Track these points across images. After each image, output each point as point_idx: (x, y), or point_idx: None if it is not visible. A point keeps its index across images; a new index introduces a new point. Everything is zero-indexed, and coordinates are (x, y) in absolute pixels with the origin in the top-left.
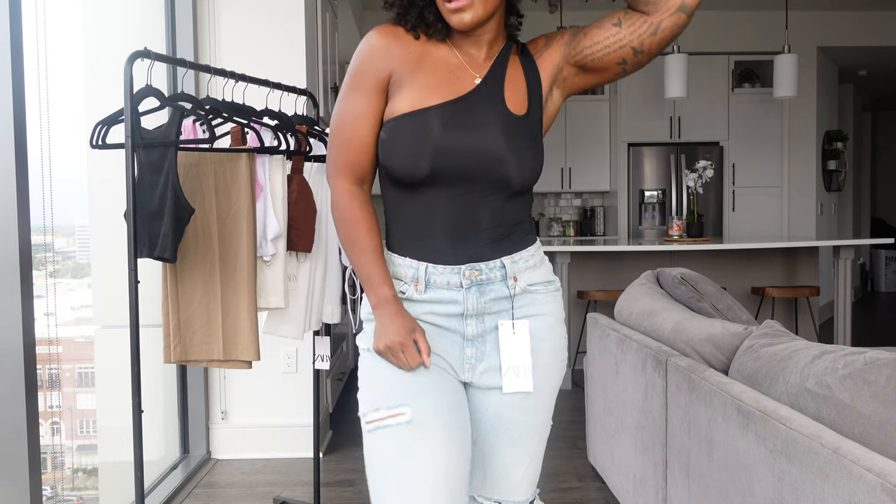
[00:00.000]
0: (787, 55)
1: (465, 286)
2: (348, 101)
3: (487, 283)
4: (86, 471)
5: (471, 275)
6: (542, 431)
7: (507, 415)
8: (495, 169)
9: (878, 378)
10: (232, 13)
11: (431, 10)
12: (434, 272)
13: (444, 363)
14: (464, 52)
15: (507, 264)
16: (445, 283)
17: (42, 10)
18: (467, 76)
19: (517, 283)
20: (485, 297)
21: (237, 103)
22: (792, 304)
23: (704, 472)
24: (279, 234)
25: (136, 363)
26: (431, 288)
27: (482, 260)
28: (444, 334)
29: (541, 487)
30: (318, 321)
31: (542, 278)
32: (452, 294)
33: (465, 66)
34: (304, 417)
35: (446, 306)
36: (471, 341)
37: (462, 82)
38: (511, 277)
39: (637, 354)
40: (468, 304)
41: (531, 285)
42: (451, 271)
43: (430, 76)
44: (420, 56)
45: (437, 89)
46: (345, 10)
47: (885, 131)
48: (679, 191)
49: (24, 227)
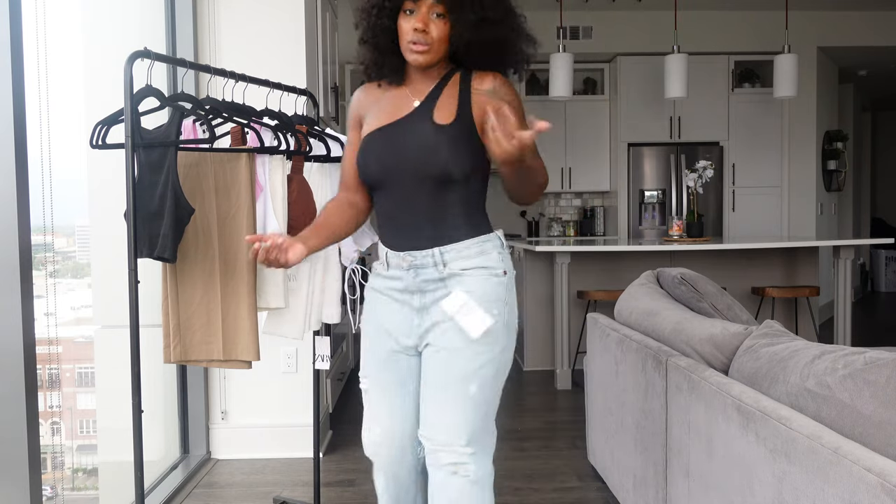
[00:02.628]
0: (787, 55)
1: (406, 268)
2: (347, 140)
3: (421, 268)
4: (86, 471)
5: (409, 259)
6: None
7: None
8: (420, 168)
9: (878, 378)
10: (232, 13)
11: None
12: (391, 255)
13: (395, 342)
14: (413, 87)
15: (436, 254)
16: (397, 265)
17: (42, 10)
18: (408, 103)
19: (446, 268)
20: (419, 277)
21: (237, 103)
22: (792, 304)
23: (704, 472)
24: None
25: (136, 363)
26: (391, 268)
27: (417, 249)
28: (399, 307)
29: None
30: (318, 321)
31: (476, 265)
32: (401, 273)
33: (408, 95)
34: (304, 417)
35: (396, 282)
36: (417, 311)
37: (404, 108)
38: (441, 264)
39: (637, 354)
40: (407, 281)
41: (463, 269)
42: (398, 256)
43: (383, 109)
44: (380, 98)
45: (385, 116)
46: (345, 10)
47: (885, 131)
48: (679, 191)
49: (24, 227)
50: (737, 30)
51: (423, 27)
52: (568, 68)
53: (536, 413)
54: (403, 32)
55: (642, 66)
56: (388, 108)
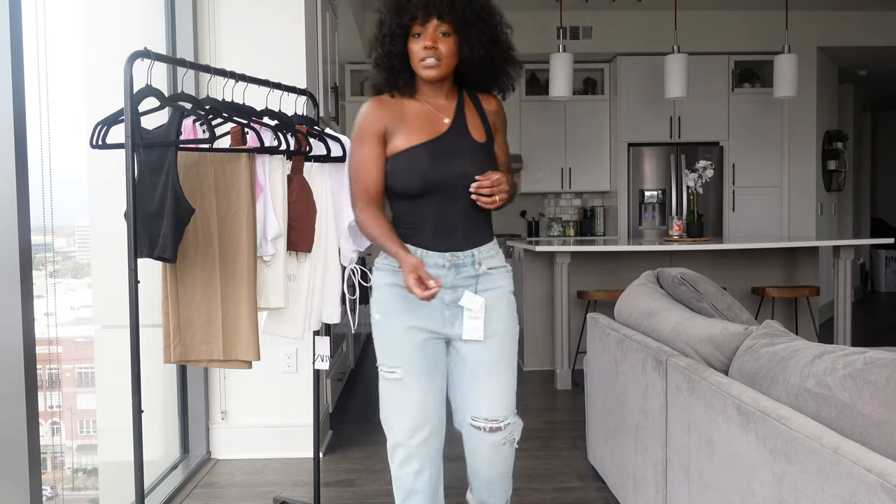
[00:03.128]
0: (787, 55)
1: (447, 267)
2: (357, 152)
3: (462, 266)
4: (86, 471)
5: (452, 259)
6: (507, 367)
7: (478, 356)
8: (466, 184)
9: (878, 378)
10: (232, 13)
11: (401, 77)
12: (426, 256)
13: (428, 330)
14: (430, 102)
15: (475, 253)
16: (433, 264)
17: (42, 10)
18: (438, 119)
19: (481, 267)
20: (459, 274)
21: (237, 103)
22: (792, 304)
23: (704, 472)
24: (279, 234)
25: (136, 363)
26: (426, 267)
27: (459, 250)
28: (430, 302)
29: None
30: (318, 321)
31: (497, 263)
32: (437, 271)
33: (434, 112)
34: (304, 417)
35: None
36: (448, 305)
37: (436, 124)
38: (478, 262)
39: (637, 354)
40: (447, 279)
41: (490, 268)
42: (439, 256)
43: (414, 126)
44: (402, 110)
45: (421, 132)
46: (345, 10)
47: (885, 131)
48: (679, 191)
49: (24, 227)
50: (737, 30)
51: (433, 44)
52: (568, 68)
53: (536, 413)
54: (414, 53)
55: (642, 66)
56: (421, 125)
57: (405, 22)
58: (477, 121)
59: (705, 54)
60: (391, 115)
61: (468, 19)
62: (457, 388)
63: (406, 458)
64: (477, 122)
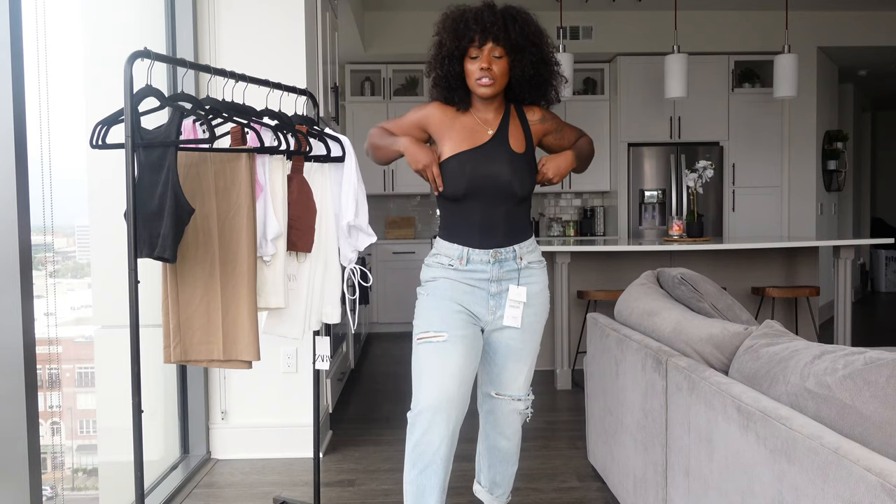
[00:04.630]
0: (787, 55)
1: (491, 262)
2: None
3: (504, 261)
4: (86, 471)
5: (496, 255)
6: (534, 352)
7: (512, 343)
8: (505, 188)
9: (878, 378)
10: (232, 13)
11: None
12: (472, 253)
13: (472, 316)
14: (479, 116)
15: (517, 249)
16: (479, 260)
17: (42, 10)
18: (483, 131)
19: (522, 261)
20: (503, 269)
21: (237, 103)
22: (792, 304)
23: (704, 472)
24: (279, 234)
25: (136, 363)
26: (471, 262)
27: (502, 247)
28: (477, 292)
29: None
30: (318, 321)
31: (536, 258)
32: (483, 266)
33: (481, 124)
34: (304, 417)
35: (478, 274)
36: (493, 296)
37: (480, 135)
38: (519, 258)
39: (637, 354)
40: (492, 272)
41: (530, 263)
42: (484, 253)
43: (460, 134)
44: (453, 120)
45: (466, 140)
46: (345, 10)
47: (885, 131)
48: (679, 191)
49: (24, 227)
50: (737, 30)
51: (488, 66)
52: (568, 68)
53: (536, 413)
54: (470, 73)
55: (642, 66)
56: (466, 135)
57: (464, 45)
58: (519, 133)
59: (705, 54)
60: (445, 119)
61: (520, 44)
62: (486, 370)
63: (430, 425)
64: (518, 134)
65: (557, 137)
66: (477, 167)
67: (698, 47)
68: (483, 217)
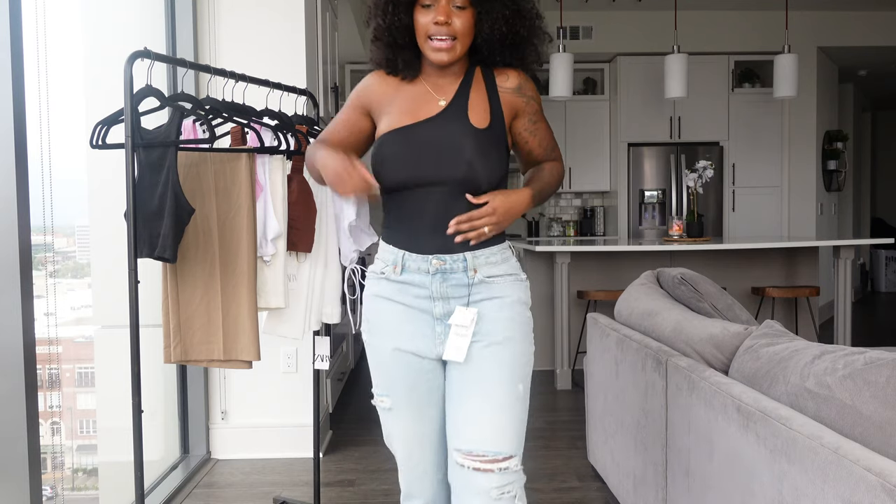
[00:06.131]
0: (787, 55)
1: (431, 273)
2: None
3: (450, 272)
4: (86, 471)
5: (437, 263)
6: (510, 388)
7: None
8: (463, 173)
9: (878, 378)
10: (232, 13)
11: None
12: (409, 258)
13: (415, 354)
14: (431, 83)
15: (469, 258)
16: (417, 269)
17: (42, 10)
18: (432, 101)
19: (476, 275)
20: (447, 283)
21: (237, 103)
22: (792, 304)
23: (704, 472)
24: (279, 234)
25: (136, 363)
26: (406, 272)
27: (447, 252)
28: (418, 317)
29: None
30: (318, 321)
31: (503, 272)
32: (422, 278)
33: (430, 92)
34: (304, 417)
35: (416, 289)
36: (439, 320)
37: (429, 106)
38: (472, 269)
39: (637, 354)
40: (433, 287)
41: (489, 277)
42: (422, 259)
43: (402, 107)
44: (396, 89)
45: (408, 114)
46: (345, 10)
47: (885, 131)
48: (679, 191)
49: (24, 227)
50: (737, 30)
51: (446, 19)
52: (568, 68)
53: (536, 413)
54: (421, 27)
55: (642, 66)
56: (408, 106)
57: None
58: (483, 102)
59: (705, 54)
60: (387, 90)
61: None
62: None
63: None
64: (482, 104)
65: (527, 128)
66: (412, 146)
67: (698, 47)
68: (434, 214)
